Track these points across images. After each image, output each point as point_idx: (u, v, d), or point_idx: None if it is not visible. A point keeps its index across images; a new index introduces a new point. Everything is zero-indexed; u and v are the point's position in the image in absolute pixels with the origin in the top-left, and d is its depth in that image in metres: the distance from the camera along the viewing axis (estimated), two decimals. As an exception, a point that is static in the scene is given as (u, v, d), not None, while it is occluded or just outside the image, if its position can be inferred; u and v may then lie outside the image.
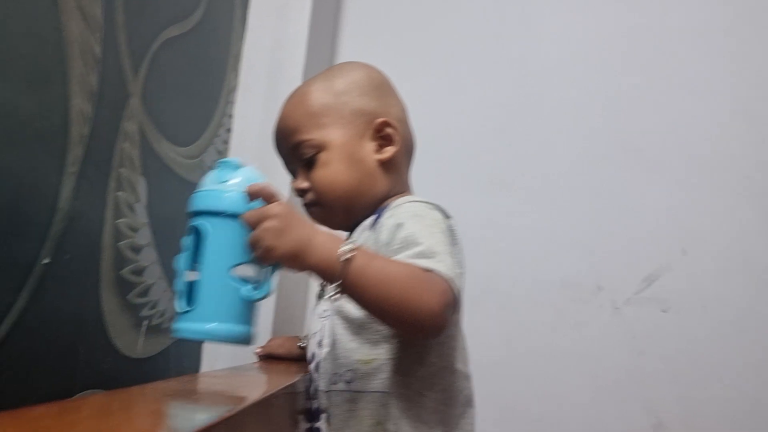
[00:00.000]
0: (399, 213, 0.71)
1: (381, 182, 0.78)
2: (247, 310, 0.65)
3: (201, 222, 0.65)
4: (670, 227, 1.18)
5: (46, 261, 0.69)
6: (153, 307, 0.93)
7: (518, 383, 1.18)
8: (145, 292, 0.91)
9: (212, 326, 0.63)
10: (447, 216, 0.72)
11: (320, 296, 0.79)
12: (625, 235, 1.19)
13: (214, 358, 1.08)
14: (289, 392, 0.60)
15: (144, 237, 0.90)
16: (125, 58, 0.83)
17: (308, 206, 0.78)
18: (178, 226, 1.01)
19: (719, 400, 1.11)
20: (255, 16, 1.20)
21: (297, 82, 1.17)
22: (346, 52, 1.39)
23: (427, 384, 0.69)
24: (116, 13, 0.80)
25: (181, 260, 0.68)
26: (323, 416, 0.72)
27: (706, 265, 1.15)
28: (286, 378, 0.61)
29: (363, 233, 0.75)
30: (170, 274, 0.98)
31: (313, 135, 0.76)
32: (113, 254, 0.83)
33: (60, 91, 0.70)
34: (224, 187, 0.66)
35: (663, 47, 1.25)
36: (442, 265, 0.61)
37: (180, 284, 0.67)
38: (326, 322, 0.73)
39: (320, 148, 0.76)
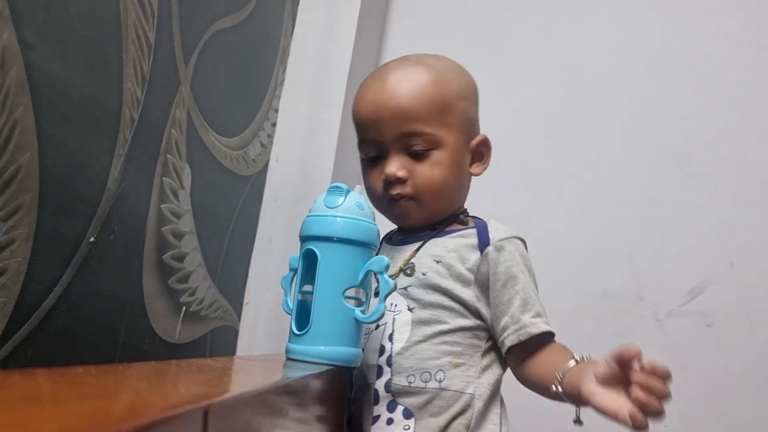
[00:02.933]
0: (509, 252, 0.74)
1: (464, 195, 0.82)
2: (358, 331, 0.69)
3: (313, 246, 0.69)
4: (718, 239, 1.14)
5: (92, 239, 0.71)
6: (192, 294, 0.95)
7: (553, 392, 1.16)
8: (185, 279, 0.93)
9: (327, 349, 0.67)
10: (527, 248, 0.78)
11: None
12: (671, 246, 1.16)
13: (250, 348, 1.10)
14: (325, 380, 0.60)
15: (186, 224, 0.92)
16: (177, 46, 0.85)
17: (400, 197, 0.76)
18: (219, 215, 1.02)
19: (765, 421, 1.07)
20: (304, 12, 1.21)
21: (343, 79, 1.18)
22: (393, 51, 1.39)
23: (497, 390, 0.75)
24: (171, 1, 0.82)
25: (291, 281, 0.72)
26: (400, 408, 0.73)
27: (754, 280, 1.11)
28: (321, 365, 0.62)
29: (450, 243, 0.76)
30: (210, 263, 1.00)
31: (436, 131, 0.74)
32: (157, 238, 0.84)
33: (115, 75, 0.72)
34: (335, 212, 0.69)
35: (714, 56, 1.22)
36: (549, 325, 0.73)
37: (291, 305, 0.71)
38: (398, 317, 0.75)
39: (437, 145, 0.75)
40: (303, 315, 0.70)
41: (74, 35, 0.65)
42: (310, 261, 0.70)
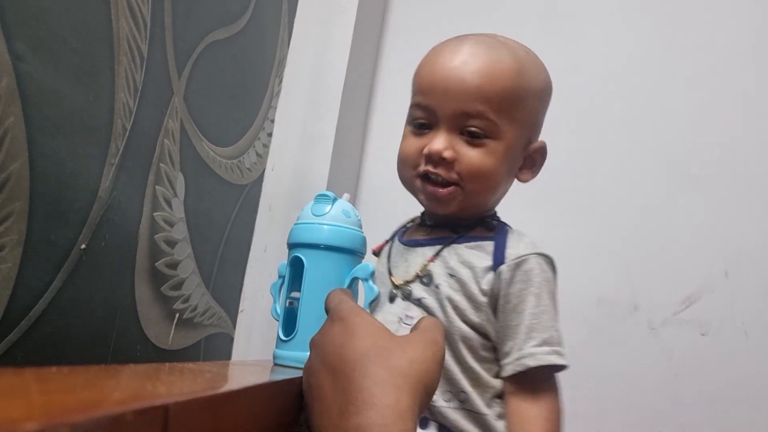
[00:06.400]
0: (524, 272, 0.68)
1: (501, 199, 0.76)
2: None
3: (300, 254, 0.70)
4: (713, 247, 1.14)
5: (83, 246, 0.72)
6: (185, 301, 0.96)
7: (548, 401, 1.16)
8: (178, 286, 0.94)
9: None
10: (555, 271, 0.73)
11: (398, 297, 0.72)
12: (666, 254, 1.16)
13: (245, 354, 1.10)
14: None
15: (180, 232, 0.93)
16: (171, 57, 0.87)
17: (443, 182, 0.68)
18: (213, 223, 1.04)
19: (759, 429, 1.06)
20: (300, 24, 1.23)
21: (338, 90, 1.19)
22: (388, 62, 1.41)
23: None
24: (164, 14, 0.84)
25: (279, 288, 0.74)
26: (433, 424, 0.67)
27: (749, 289, 1.11)
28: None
29: (466, 254, 0.70)
30: (204, 270, 1.01)
31: (499, 120, 0.67)
32: (149, 246, 0.86)
33: (106, 85, 0.74)
34: (321, 220, 0.71)
35: (709, 63, 1.22)
36: (563, 357, 0.66)
37: (279, 311, 0.73)
38: None
39: (495, 135, 0.67)
40: (290, 321, 0.71)
41: (65, 47, 0.67)
42: (297, 268, 0.72)
